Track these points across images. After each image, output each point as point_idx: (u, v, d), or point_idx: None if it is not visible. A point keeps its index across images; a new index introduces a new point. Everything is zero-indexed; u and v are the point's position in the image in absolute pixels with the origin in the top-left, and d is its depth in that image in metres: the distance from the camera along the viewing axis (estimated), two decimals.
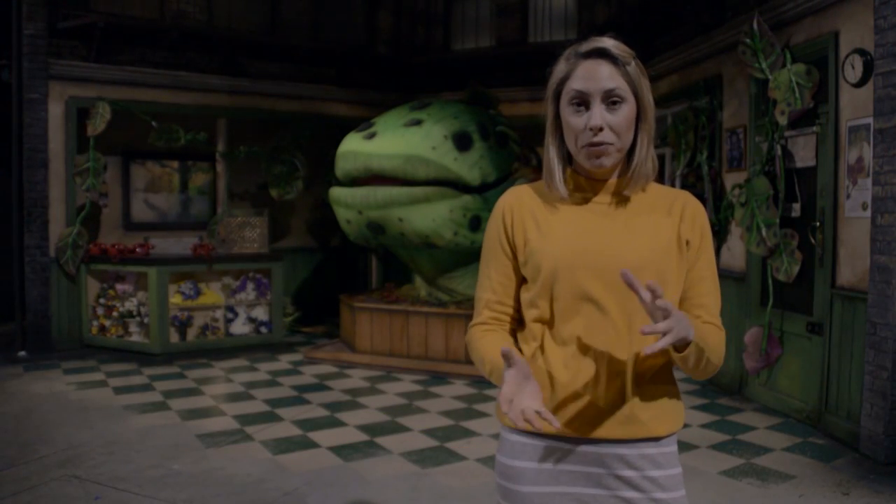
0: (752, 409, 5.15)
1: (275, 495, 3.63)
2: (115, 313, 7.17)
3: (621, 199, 1.50)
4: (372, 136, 6.04)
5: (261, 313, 7.62)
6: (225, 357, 7.00)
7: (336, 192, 6.30)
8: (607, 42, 1.44)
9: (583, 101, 1.43)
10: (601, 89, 1.41)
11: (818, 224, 4.58)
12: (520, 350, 1.54)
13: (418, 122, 6.04)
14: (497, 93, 7.54)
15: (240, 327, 7.52)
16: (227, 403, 5.38)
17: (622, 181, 1.49)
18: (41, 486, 3.67)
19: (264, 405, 5.33)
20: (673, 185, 5.50)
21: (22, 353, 6.81)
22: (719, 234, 5.77)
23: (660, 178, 2.15)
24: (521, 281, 1.55)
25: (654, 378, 1.47)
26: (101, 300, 7.29)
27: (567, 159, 1.51)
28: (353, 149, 6.06)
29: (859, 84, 4.21)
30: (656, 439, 1.46)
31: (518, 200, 1.54)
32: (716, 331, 1.47)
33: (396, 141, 5.92)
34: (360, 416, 5.08)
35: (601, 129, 1.41)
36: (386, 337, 6.69)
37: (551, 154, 1.50)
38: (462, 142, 6.07)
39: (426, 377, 6.24)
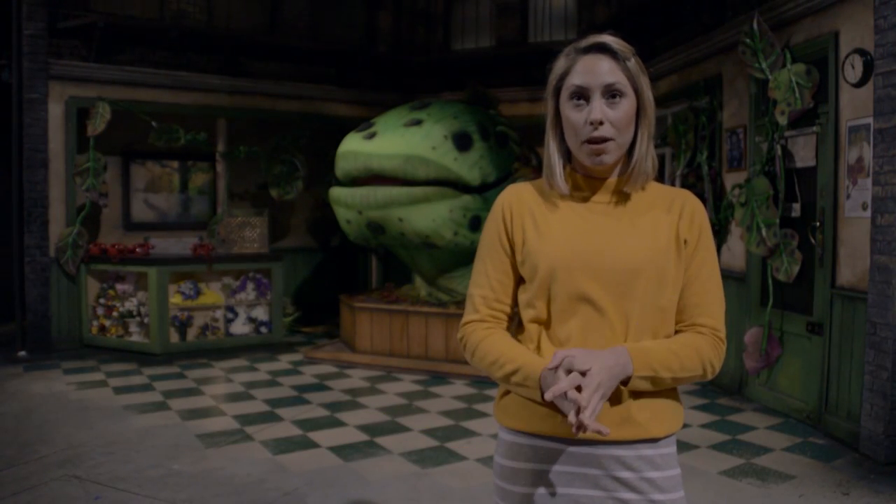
0: (752, 409, 5.14)
1: (275, 495, 3.63)
2: (115, 313, 7.17)
3: (621, 197, 1.49)
4: (372, 136, 6.04)
5: (261, 313, 7.62)
6: (225, 357, 7.00)
7: (336, 192, 6.30)
8: (607, 38, 1.43)
9: (583, 96, 1.42)
10: (601, 83, 1.41)
11: (818, 224, 4.58)
12: None
13: (418, 122, 6.04)
14: (497, 93, 7.53)
15: (240, 327, 7.51)
16: (227, 403, 5.38)
17: (622, 179, 1.48)
18: (41, 486, 3.66)
19: (264, 405, 5.33)
20: (673, 185, 5.49)
21: (22, 353, 6.80)
22: (719, 234, 5.77)
23: (660, 178, 2.14)
24: (519, 280, 1.53)
25: None
26: (101, 300, 7.29)
27: (567, 156, 1.51)
28: (353, 149, 6.06)
29: (859, 84, 4.21)
30: (654, 440, 1.44)
31: (518, 198, 1.53)
32: (692, 340, 1.44)
33: (396, 141, 5.92)
34: (360, 416, 5.08)
35: (601, 123, 1.40)
36: (386, 337, 6.68)
37: (552, 151, 1.49)
38: (462, 142, 6.07)
39: (426, 377, 6.23)
